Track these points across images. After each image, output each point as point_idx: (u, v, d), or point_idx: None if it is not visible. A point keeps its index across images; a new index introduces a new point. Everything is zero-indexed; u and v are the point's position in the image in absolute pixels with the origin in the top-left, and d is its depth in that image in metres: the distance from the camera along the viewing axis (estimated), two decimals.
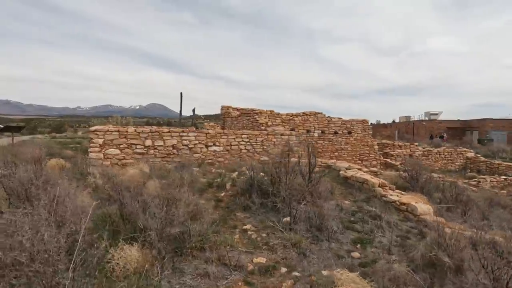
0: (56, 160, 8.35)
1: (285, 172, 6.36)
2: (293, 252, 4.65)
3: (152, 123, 70.37)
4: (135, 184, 7.06)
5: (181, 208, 5.05)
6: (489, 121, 47.22)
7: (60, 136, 25.91)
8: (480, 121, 48.33)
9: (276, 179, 6.33)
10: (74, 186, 5.50)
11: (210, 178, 8.51)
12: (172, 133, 10.66)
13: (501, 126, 46.95)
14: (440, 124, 52.83)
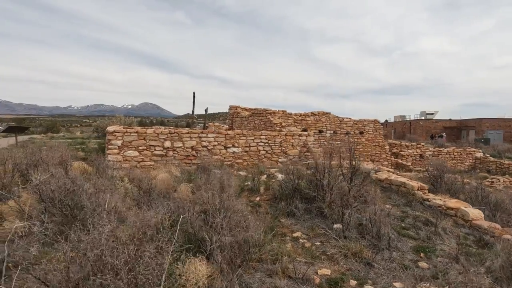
0: (78, 163, 7.98)
1: (328, 176, 6.10)
2: (356, 262, 4.39)
3: (145, 123, 69.52)
4: (167, 188, 6.76)
5: (232, 216, 4.79)
6: (485, 121, 47.66)
7: (58, 136, 25.34)
8: (477, 121, 48.74)
9: (320, 183, 6.07)
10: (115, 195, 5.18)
11: (239, 181, 8.23)
12: (191, 134, 10.33)
13: (497, 126, 47.41)
14: (437, 123, 53.17)
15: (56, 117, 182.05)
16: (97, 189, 4.75)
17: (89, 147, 15.53)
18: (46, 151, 7.18)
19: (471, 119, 51.40)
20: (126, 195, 6.21)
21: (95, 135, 21.46)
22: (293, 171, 6.64)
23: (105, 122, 21.04)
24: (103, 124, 20.53)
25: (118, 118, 21.86)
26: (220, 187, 7.35)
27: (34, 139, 21.03)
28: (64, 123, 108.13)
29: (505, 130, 47.55)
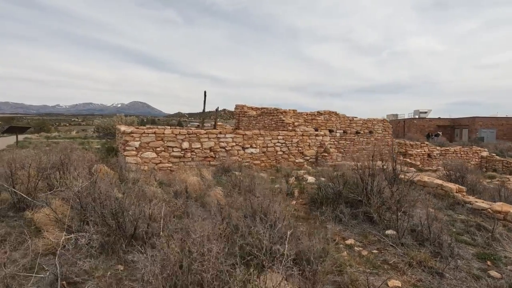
0: (101, 166, 7.59)
1: (372, 178, 5.87)
2: (424, 272, 4.16)
3: (142, 122, 68.52)
4: (198, 192, 6.45)
5: (280, 223, 4.53)
6: (479, 120, 48.23)
7: (54, 136, 24.64)
8: (470, 119, 49.31)
9: (366, 187, 5.83)
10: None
11: (265, 183, 7.94)
12: (209, 135, 10.01)
13: (490, 124, 48.01)
14: (430, 122, 53.65)
15: (43, 116, 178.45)
16: (135, 196, 4.41)
17: (93, 148, 15.08)
18: (66, 153, 6.79)
19: (465, 118, 51.97)
20: (164, 201, 5.87)
21: (95, 135, 20.92)
22: (337, 174, 6.38)
23: (105, 121, 20.49)
24: (104, 124, 20.00)
25: (119, 117, 21.34)
26: (248, 189, 7.08)
27: (30, 139, 20.38)
28: (52, 122, 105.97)
29: (498, 128, 48.16)
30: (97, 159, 9.12)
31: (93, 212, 4.40)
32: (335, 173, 8.34)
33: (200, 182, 6.63)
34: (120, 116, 21.62)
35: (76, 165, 6.42)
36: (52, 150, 10.75)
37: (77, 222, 4.56)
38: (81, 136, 23.39)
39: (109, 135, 20.13)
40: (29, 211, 5.19)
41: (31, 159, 6.34)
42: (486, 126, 48.07)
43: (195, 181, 6.61)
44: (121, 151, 9.33)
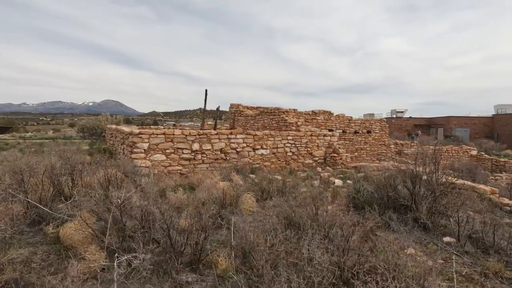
0: (112, 171, 6.89)
1: (421, 183, 5.60)
2: (504, 284, 3.90)
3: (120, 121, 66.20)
4: (228, 198, 5.93)
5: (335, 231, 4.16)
6: (453, 119, 50.05)
7: (29, 136, 23.08)
8: (445, 119, 51.08)
9: (414, 191, 5.54)
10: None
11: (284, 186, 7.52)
12: (220, 136, 9.47)
13: (463, 123, 49.91)
14: (408, 121, 55.17)
15: (9, 115, 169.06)
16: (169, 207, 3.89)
17: (80, 147, 14.12)
18: (67, 156, 6.11)
19: (440, 117, 53.74)
20: (197, 211, 5.32)
21: (80, 135, 19.72)
22: (385, 178, 6.06)
23: (91, 122, 19.36)
24: (89, 124, 18.88)
25: (104, 117, 20.26)
26: (279, 193, 6.65)
27: (6, 141, 18.91)
28: (19, 121, 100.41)
29: (471, 127, 50.09)
30: (99, 162, 8.37)
31: (141, 227, 3.81)
32: (359, 175, 8.05)
33: (229, 186, 6.11)
34: (106, 116, 20.51)
35: (88, 170, 5.75)
36: (49, 153, 9.87)
37: (116, 239, 3.96)
38: (60, 136, 22.02)
39: (94, 136, 19.04)
40: (48, 225, 4.52)
41: (41, 164, 5.60)
42: (460, 125, 49.90)
43: (226, 186, 6.09)
44: (128, 153, 8.62)
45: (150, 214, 4.10)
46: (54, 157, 8.77)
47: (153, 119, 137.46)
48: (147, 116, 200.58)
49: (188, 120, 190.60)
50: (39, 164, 5.55)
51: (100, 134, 19.09)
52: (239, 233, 4.54)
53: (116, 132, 11.50)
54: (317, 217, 5.02)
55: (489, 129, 49.13)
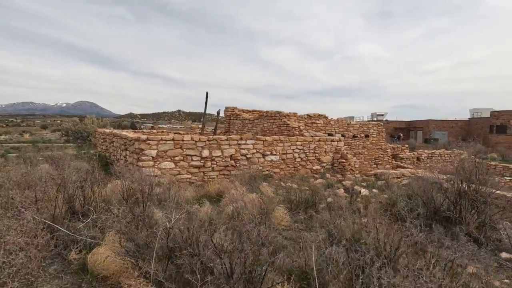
0: (117, 182, 6.25)
1: (463, 193, 5.32)
2: None
3: (98, 125, 63.76)
4: (258, 212, 5.45)
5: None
6: (432, 122, 51.48)
7: (5, 140, 21.60)
8: (424, 122, 52.45)
9: (456, 202, 5.25)
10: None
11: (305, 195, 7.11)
12: (230, 142, 8.95)
13: (442, 127, 51.41)
14: (388, 124, 56.25)
15: None
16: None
17: (67, 153, 13.20)
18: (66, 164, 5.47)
19: (419, 121, 55.12)
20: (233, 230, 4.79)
21: (63, 139, 18.55)
22: (422, 188, 5.74)
23: (76, 125, 18.27)
24: (75, 127, 17.80)
25: (90, 119, 19.22)
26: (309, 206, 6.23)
27: None
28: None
29: (449, 130, 51.61)
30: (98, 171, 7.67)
31: (188, 253, 3.27)
32: (379, 183, 7.73)
33: (259, 199, 5.63)
34: (91, 118, 19.44)
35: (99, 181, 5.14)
36: (45, 161, 9.03)
37: (159, 267, 3.41)
38: (38, 139, 20.66)
39: (79, 139, 17.98)
40: (68, 249, 3.90)
41: (49, 177, 4.93)
42: (438, 128, 51.36)
43: (254, 198, 5.60)
44: (133, 160, 7.95)
45: (194, 235, 3.58)
46: (48, 165, 8.01)
47: (130, 121, 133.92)
48: (124, 118, 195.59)
49: (166, 122, 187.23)
50: (49, 175, 4.88)
51: (86, 138, 18.04)
52: (292, 255, 4.11)
53: (113, 137, 10.73)
54: (366, 233, 4.64)
55: (466, 132, 50.72)
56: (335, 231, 4.97)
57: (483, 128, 46.78)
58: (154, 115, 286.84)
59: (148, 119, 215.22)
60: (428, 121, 53.02)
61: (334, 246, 4.38)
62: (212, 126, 19.46)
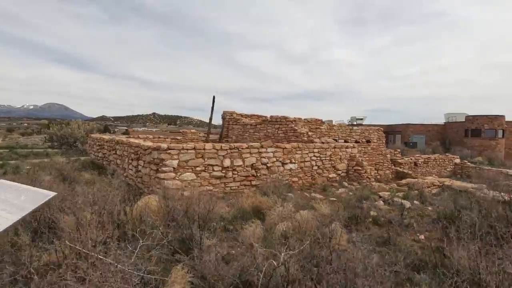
0: (148, 198, 5.53)
1: None
2: None
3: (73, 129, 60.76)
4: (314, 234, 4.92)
5: None
6: (411, 126, 52.85)
7: None
8: (403, 126, 53.75)
9: None
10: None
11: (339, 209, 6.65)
12: (251, 150, 8.38)
13: (419, 131, 52.85)
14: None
15: None
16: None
17: (61, 162, 12.18)
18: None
19: (398, 124, 56.43)
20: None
21: (47, 145, 17.22)
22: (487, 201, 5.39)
23: (61, 129, 17.00)
24: (60, 132, 16.56)
25: (75, 123, 18.00)
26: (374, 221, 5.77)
27: None
28: None
29: (426, 134, 53.14)
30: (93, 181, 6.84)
31: None
32: (413, 193, 7.35)
33: (312, 218, 5.09)
34: (76, 122, 18.19)
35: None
36: (44, 173, 8.11)
37: None
38: (14, 145, 19.08)
39: (65, 145, 16.76)
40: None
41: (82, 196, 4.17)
42: (416, 132, 52.76)
43: (307, 216, 5.05)
44: (151, 172, 7.21)
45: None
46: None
47: (102, 124, 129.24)
48: (96, 121, 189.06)
49: (141, 125, 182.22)
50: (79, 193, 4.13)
51: (73, 144, 16.85)
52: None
53: (115, 144, 9.86)
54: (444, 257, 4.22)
55: (442, 136, 52.36)
56: (403, 253, 4.54)
57: (458, 132, 48.40)
58: (128, 118, 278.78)
59: (121, 122, 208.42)
60: (407, 125, 54.36)
61: (421, 274, 3.93)
62: (188, 129, 18.78)
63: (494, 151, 36.16)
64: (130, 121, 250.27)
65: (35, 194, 2.24)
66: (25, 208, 2.10)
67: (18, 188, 2.44)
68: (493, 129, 38.65)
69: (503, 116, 37.20)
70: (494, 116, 37.75)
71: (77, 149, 16.85)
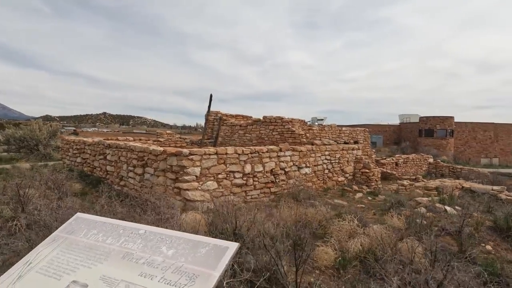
0: (193, 213, 4.56)
1: None
2: None
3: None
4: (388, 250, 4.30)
5: None
6: (369, 126, 54.96)
7: None
8: (362, 127, 55.87)
9: None
10: None
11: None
12: (270, 154, 7.60)
13: (377, 131, 55.24)
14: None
15: None
16: None
17: (39, 174, 10.52)
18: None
19: (357, 125, 58.55)
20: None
21: (2, 149, 14.92)
22: None
23: (21, 131, 14.83)
24: (19, 133, 14.42)
25: (36, 124, 15.87)
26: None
27: None
28: None
29: (384, 134, 55.69)
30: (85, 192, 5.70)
31: None
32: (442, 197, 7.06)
33: (386, 231, 4.47)
34: (37, 122, 15.99)
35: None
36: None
37: None
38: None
39: (24, 148, 14.67)
40: None
41: None
42: (374, 132, 55.00)
43: (381, 231, 4.42)
44: (168, 182, 6.14)
45: None
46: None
47: (47, 124, 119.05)
48: (38, 121, 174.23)
49: (90, 125, 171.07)
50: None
51: (34, 147, 14.78)
52: None
53: (104, 148, 8.52)
54: None
55: (397, 136, 55.12)
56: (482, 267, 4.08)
57: (412, 132, 51.19)
58: (75, 117, 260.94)
59: (68, 121, 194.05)
60: (367, 125, 56.45)
61: None
62: (140, 130, 17.44)
63: (445, 150, 38.52)
64: (78, 121, 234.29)
65: (204, 246, 1.31)
66: (204, 275, 1.18)
67: (150, 236, 1.47)
68: (444, 129, 41.07)
69: (453, 117, 39.65)
70: (445, 117, 40.14)
71: (39, 153, 14.84)
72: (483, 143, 42.82)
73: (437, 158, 24.51)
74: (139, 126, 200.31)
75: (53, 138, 16.11)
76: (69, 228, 1.70)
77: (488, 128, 42.10)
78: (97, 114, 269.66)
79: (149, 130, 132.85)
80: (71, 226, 1.72)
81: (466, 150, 41.91)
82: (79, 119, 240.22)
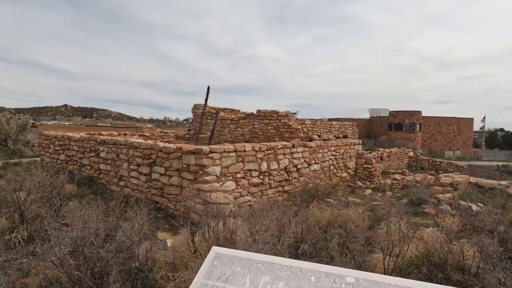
0: (230, 219, 4.03)
1: None
2: None
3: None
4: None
5: None
6: (342, 120, 56.15)
7: None
8: (334, 121, 56.92)
9: None
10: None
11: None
12: (284, 150, 7.17)
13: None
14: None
15: None
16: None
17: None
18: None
19: (331, 119, 59.54)
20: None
21: None
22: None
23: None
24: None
25: (3, 117, 14.41)
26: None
27: None
28: None
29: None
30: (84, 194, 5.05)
31: None
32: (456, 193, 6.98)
33: (439, 235, 4.19)
34: (4, 115, 14.47)
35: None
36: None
37: None
38: None
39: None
40: None
41: None
42: None
43: (433, 234, 4.14)
44: (184, 181, 5.55)
45: None
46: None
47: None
48: (5, 113, 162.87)
49: (50, 118, 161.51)
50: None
51: (2, 143, 13.39)
52: None
53: (97, 145, 7.69)
54: None
55: (368, 129, 56.70)
56: None
57: (382, 125, 52.82)
58: (33, 109, 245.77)
59: (25, 114, 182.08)
60: (340, 119, 57.49)
61: None
62: (104, 124, 16.46)
63: (414, 143, 39.99)
64: (36, 113, 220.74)
65: None
66: None
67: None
68: (412, 123, 42.51)
69: (420, 111, 41.06)
70: (414, 111, 41.47)
71: (7, 149, 13.47)
72: (447, 136, 44.82)
73: (416, 152, 25.27)
74: (104, 119, 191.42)
75: (22, 133, 14.71)
76: (217, 272, 1.19)
77: (452, 122, 44.03)
78: (58, 106, 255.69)
79: (114, 123, 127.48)
80: (217, 268, 1.20)
81: (432, 143, 43.70)
82: (37, 111, 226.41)
